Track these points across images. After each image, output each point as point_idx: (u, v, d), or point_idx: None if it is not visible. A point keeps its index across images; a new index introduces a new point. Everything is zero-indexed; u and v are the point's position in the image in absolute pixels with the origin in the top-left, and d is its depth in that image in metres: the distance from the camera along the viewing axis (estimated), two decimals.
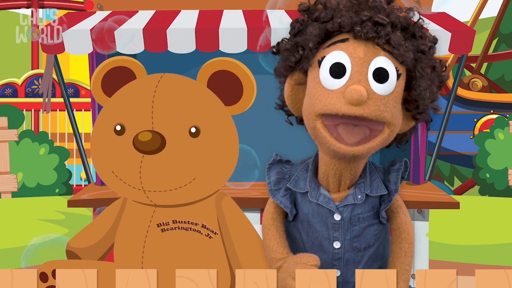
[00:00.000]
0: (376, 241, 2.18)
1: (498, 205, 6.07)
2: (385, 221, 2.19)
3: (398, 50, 1.98)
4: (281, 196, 2.19)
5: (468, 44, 3.56)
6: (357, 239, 2.15)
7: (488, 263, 4.74)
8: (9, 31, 4.18)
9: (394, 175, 2.17)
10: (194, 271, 1.87)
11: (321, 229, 2.15)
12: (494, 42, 8.71)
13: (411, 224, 2.20)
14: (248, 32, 3.44)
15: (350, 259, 2.15)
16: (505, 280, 1.87)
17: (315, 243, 2.17)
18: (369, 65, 1.98)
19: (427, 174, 3.99)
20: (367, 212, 2.15)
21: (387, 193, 2.15)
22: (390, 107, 1.99)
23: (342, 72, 1.98)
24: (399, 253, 2.17)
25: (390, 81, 1.98)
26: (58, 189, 6.56)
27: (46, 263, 2.20)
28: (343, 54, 2.00)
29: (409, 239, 2.18)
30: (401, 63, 2.00)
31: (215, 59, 2.23)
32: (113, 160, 2.16)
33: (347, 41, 2.01)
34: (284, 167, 2.24)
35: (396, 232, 2.18)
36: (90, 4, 3.95)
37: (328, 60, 2.01)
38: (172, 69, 2.65)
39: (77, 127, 4.02)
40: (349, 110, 1.95)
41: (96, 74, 2.27)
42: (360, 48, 1.99)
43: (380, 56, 1.99)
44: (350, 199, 2.13)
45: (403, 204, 2.21)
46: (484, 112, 7.26)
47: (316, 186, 2.16)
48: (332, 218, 2.14)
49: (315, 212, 2.16)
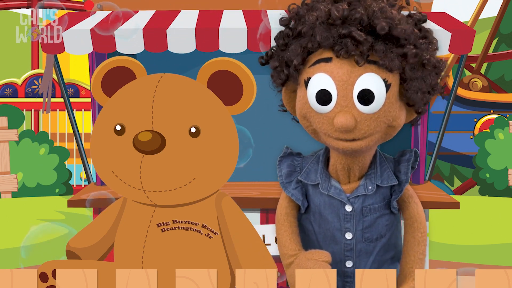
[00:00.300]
0: (388, 231, 2.20)
1: (498, 205, 6.07)
2: (397, 211, 2.20)
3: (383, 61, 1.97)
4: (292, 189, 2.21)
5: (468, 44, 3.56)
6: (368, 230, 2.16)
7: (488, 263, 4.74)
8: (9, 31, 4.18)
9: (405, 165, 2.18)
10: (194, 271, 1.87)
11: (333, 220, 2.17)
12: (494, 42, 8.71)
13: (423, 213, 2.21)
14: (248, 32, 3.44)
15: (362, 249, 2.17)
16: (505, 280, 1.87)
17: (327, 235, 2.18)
18: (354, 87, 1.98)
19: (427, 174, 3.99)
20: (378, 203, 2.17)
21: (398, 183, 2.17)
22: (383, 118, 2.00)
23: (328, 100, 2.00)
24: (412, 242, 2.18)
25: (378, 99, 1.98)
26: (58, 189, 6.56)
27: (46, 263, 2.20)
28: (327, 78, 2.01)
29: (422, 228, 2.19)
30: (389, 71, 1.99)
31: (215, 59, 2.23)
32: (113, 160, 2.16)
33: (330, 61, 2.01)
34: (295, 159, 2.25)
35: (408, 221, 2.20)
36: (90, 4, 3.95)
37: (314, 85, 2.03)
38: (172, 69, 2.65)
39: (77, 127, 4.02)
40: (340, 136, 2.00)
41: (96, 74, 2.27)
42: (343, 68, 1.99)
43: (365, 74, 1.98)
44: (361, 190, 2.14)
45: (415, 194, 2.22)
46: (484, 112, 7.27)
47: (327, 178, 2.17)
48: (344, 209, 2.16)
49: (326, 203, 2.17)
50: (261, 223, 3.41)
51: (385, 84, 1.99)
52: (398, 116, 2.05)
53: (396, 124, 2.05)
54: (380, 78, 1.99)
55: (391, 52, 1.97)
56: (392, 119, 2.02)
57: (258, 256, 2.20)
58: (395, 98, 2.03)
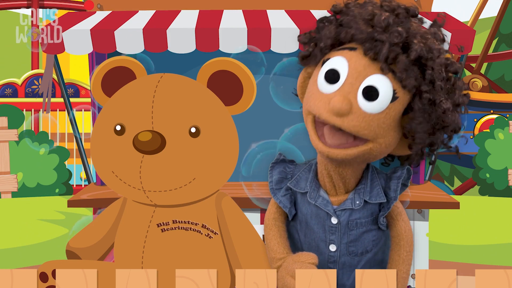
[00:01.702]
0: (375, 247, 2.18)
1: (498, 205, 6.08)
2: (385, 228, 2.19)
3: (401, 74, 1.96)
4: (281, 196, 2.20)
5: (468, 44, 3.56)
6: (354, 244, 2.15)
7: (488, 263, 4.74)
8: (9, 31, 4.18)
9: (395, 183, 2.17)
10: (194, 271, 1.87)
11: (318, 231, 2.16)
12: (494, 42, 8.71)
13: (411, 232, 2.19)
14: (248, 32, 3.44)
15: (346, 262, 2.15)
16: (505, 280, 1.87)
17: (312, 244, 2.17)
18: (364, 80, 1.98)
19: (427, 174, 3.99)
20: (365, 218, 2.15)
21: (386, 201, 2.15)
22: (375, 126, 1.98)
23: (335, 79, 1.99)
24: (397, 260, 2.16)
25: (380, 101, 1.97)
26: (58, 189, 6.56)
27: (46, 263, 2.20)
28: (344, 62, 2.00)
29: (408, 246, 2.17)
30: (402, 87, 1.98)
31: (215, 59, 2.23)
32: (113, 160, 2.16)
33: (354, 50, 2.01)
34: (287, 166, 2.24)
35: (395, 239, 2.18)
36: (90, 4, 3.95)
37: (329, 64, 2.02)
38: (172, 69, 2.65)
39: (77, 127, 4.02)
40: (328, 118, 1.98)
41: (96, 74, 2.27)
42: (363, 60, 1.99)
43: (379, 74, 1.98)
44: (348, 204, 2.13)
45: (404, 211, 2.20)
46: (484, 112, 7.27)
47: (316, 188, 2.16)
48: (329, 221, 2.14)
49: (313, 213, 2.16)
50: (261, 223, 3.40)
51: (393, 94, 1.98)
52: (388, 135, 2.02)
53: (382, 143, 2.02)
54: (391, 86, 1.98)
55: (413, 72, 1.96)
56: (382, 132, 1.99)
57: (258, 256, 2.20)
58: (395, 115, 2.00)
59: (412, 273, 3.23)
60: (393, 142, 2.04)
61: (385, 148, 2.04)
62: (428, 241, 3.63)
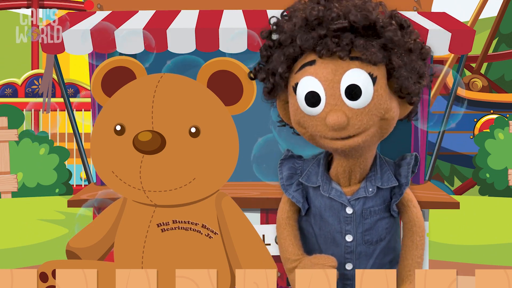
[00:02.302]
0: (388, 234, 2.20)
1: (498, 205, 6.08)
2: (396, 215, 2.21)
3: (365, 55, 1.98)
4: (293, 191, 2.22)
5: (468, 44, 3.56)
6: (369, 232, 2.17)
7: (488, 263, 4.74)
8: (9, 31, 4.18)
9: (405, 169, 2.19)
10: (194, 271, 1.87)
11: (334, 222, 2.17)
12: (494, 42, 8.71)
13: (422, 217, 2.22)
14: (248, 32, 3.44)
15: (362, 252, 2.17)
16: (505, 280, 1.87)
17: (328, 237, 2.19)
18: (340, 84, 2.00)
19: (427, 174, 3.99)
20: (378, 206, 2.17)
21: (398, 186, 2.17)
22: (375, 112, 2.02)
23: (317, 100, 2.02)
24: (410, 246, 2.19)
25: (365, 93, 2.00)
26: (58, 189, 6.56)
27: (46, 263, 2.20)
28: (313, 80, 2.03)
29: (420, 232, 2.20)
30: (373, 64, 2.01)
31: (215, 59, 2.23)
32: (113, 160, 2.16)
33: (314, 63, 2.03)
34: (296, 162, 2.26)
35: (407, 225, 2.20)
36: (90, 4, 3.95)
37: (302, 88, 2.05)
38: (172, 69, 2.65)
39: (77, 127, 4.02)
40: (335, 135, 2.02)
41: (96, 74, 2.27)
42: (328, 67, 2.01)
43: (349, 70, 2.00)
44: (361, 192, 2.15)
45: (414, 198, 2.23)
46: (484, 112, 7.27)
47: (328, 180, 2.18)
48: (344, 212, 2.16)
49: (327, 206, 2.18)
50: (261, 223, 3.41)
51: (371, 77, 2.01)
52: (390, 108, 2.05)
53: (389, 117, 2.06)
54: (365, 72, 2.00)
55: (372, 46, 1.99)
56: (384, 111, 2.03)
57: (258, 256, 2.20)
58: (383, 91, 2.03)
59: None
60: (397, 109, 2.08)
61: (393, 119, 2.09)
62: (428, 241, 3.63)
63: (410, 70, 2.04)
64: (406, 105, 2.12)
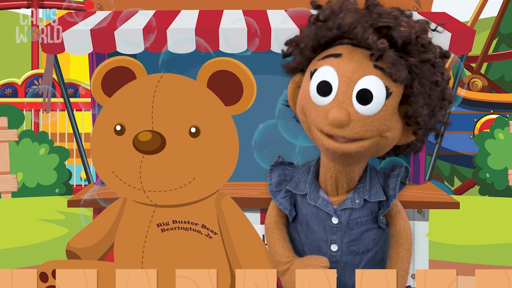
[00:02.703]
0: (375, 246, 2.18)
1: (498, 205, 6.08)
2: (385, 226, 2.19)
3: (390, 69, 1.97)
4: (281, 198, 2.20)
5: (468, 44, 3.56)
6: (355, 243, 2.15)
7: (488, 263, 4.75)
8: (9, 31, 4.18)
9: (393, 181, 2.17)
10: (194, 271, 1.87)
11: (319, 231, 2.16)
12: (494, 42, 8.71)
13: (410, 230, 2.20)
14: (248, 32, 3.44)
15: (347, 262, 2.16)
16: (505, 280, 1.87)
17: (313, 245, 2.17)
18: (355, 85, 1.98)
19: (427, 174, 3.99)
20: (365, 217, 2.16)
21: (386, 199, 2.16)
22: (377, 125, 1.99)
23: (328, 91, 2.00)
24: (396, 259, 2.17)
25: (375, 102, 1.98)
26: (58, 189, 6.56)
27: (46, 263, 2.20)
28: (332, 71, 2.01)
29: (407, 245, 2.18)
30: (393, 81, 1.99)
31: (215, 59, 2.23)
32: (113, 160, 2.16)
33: (339, 57, 2.01)
34: (286, 169, 2.25)
35: (394, 237, 2.19)
36: (90, 4, 3.95)
37: (318, 75, 2.03)
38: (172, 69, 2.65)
39: (77, 127, 4.02)
40: (331, 131, 1.99)
41: (96, 74, 2.27)
42: (350, 65, 1.99)
43: (368, 76, 1.99)
44: (348, 203, 2.13)
45: (403, 210, 2.21)
46: (484, 112, 7.27)
47: (315, 189, 2.16)
48: (330, 221, 2.15)
49: (313, 214, 2.16)
50: (261, 223, 3.41)
51: (386, 91, 1.99)
52: (393, 128, 2.03)
53: (389, 136, 2.03)
54: (383, 83, 1.99)
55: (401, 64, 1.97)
56: (386, 128, 2.01)
57: (258, 256, 2.20)
58: (393, 109, 2.01)
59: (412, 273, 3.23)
60: (398, 132, 2.06)
61: (392, 140, 2.06)
62: (428, 241, 3.63)
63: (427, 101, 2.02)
64: (409, 134, 2.10)
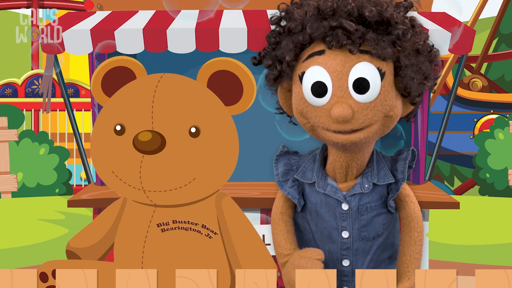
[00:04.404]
0: (385, 231, 2.19)
1: (498, 205, 6.08)
2: (394, 210, 2.20)
3: (376, 49, 1.98)
4: (288, 187, 2.21)
5: (468, 44, 3.56)
6: (365, 229, 2.16)
7: (488, 263, 4.74)
8: (9, 31, 4.18)
9: (402, 164, 2.19)
10: (194, 271, 1.87)
11: (330, 219, 2.17)
12: (494, 42, 8.71)
13: (420, 213, 2.22)
14: (248, 32, 3.44)
15: (359, 248, 2.17)
16: (505, 280, 1.87)
17: (324, 233, 2.18)
18: (349, 76, 1.99)
19: (427, 174, 3.99)
20: (375, 202, 2.17)
21: (395, 182, 2.17)
22: (380, 108, 2.01)
23: (324, 91, 2.00)
24: (408, 241, 2.18)
25: (373, 87, 1.99)
26: (58, 189, 6.56)
27: (46, 263, 2.20)
28: (321, 70, 2.01)
29: (418, 227, 2.19)
30: (383, 60, 2.00)
31: (215, 59, 2.23)
32: (113, 160, 2.16)
33: (323, 53, 2.02)
34: (291, 158, 2.26)
35: (405, 221, 2.20)
36: (90, 4, 3.95)
37: (308, 78, 2.03)
38: (172, 69, 2.65)
39: (77, 127, 4.02)
40: (337, 127, 2.00)
41: (96, 74, 2.27)
42: (337, 58, 2.00)
43: (358, 63, 1.99)
44: (357, 188, 2.14)
45: (412, 193, 2.22)
46: (484, 112, 7.27)
47: (323, 176, 2.17)
48: (340, 208, 2.16)
49: (323, 202, 2.17)
50: (261, 223, 3.41)
51: (379, 72, 2.00)
52: (395, 105, 2.05)
53: (393, 114, 2.06)
54: (374, 66, 2.00)
55: (383, 41, 1.99)
56: (389, 108, 2.03)
57: (258, 256, 2.20)
58: (390, 87, 2.03)
59: None
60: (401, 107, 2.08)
61: (397, 117, 2.09)
62: (428, 241, 3.63)
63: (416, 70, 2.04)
64: (408, 105, 2.12)
